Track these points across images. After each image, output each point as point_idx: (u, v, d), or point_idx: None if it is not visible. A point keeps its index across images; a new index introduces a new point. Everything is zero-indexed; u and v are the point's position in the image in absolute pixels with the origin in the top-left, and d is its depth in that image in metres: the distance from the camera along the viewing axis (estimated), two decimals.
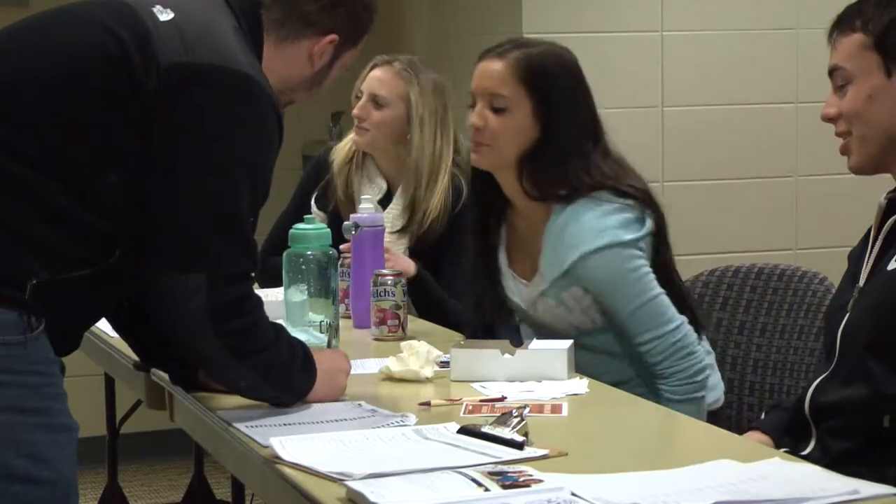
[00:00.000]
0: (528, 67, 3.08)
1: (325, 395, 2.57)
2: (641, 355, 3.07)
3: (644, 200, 3.08)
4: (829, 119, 2.62)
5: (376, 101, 3.89)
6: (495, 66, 3.11)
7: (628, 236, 3.04)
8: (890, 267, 2.52)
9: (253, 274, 2.45)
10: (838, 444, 2.51)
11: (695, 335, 3.08)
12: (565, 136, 3.08)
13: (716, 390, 3.17)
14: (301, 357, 2.53)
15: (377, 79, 3.91)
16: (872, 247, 2.60)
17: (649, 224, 3.07)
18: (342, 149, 3.98)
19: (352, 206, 3.83)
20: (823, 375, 2.60)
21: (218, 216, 2.36)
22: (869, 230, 2.72)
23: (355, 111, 3.90)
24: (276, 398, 2.54)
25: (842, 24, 2.61)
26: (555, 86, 3.09)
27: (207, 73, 2.34)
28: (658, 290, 3.06)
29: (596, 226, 3.04)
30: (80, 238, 2.29)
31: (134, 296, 2.47)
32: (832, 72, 2.61)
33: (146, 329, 2.55)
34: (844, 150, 2.62)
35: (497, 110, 3.09)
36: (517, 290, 3.19)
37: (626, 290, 3.04)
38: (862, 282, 2.59)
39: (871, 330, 2.51)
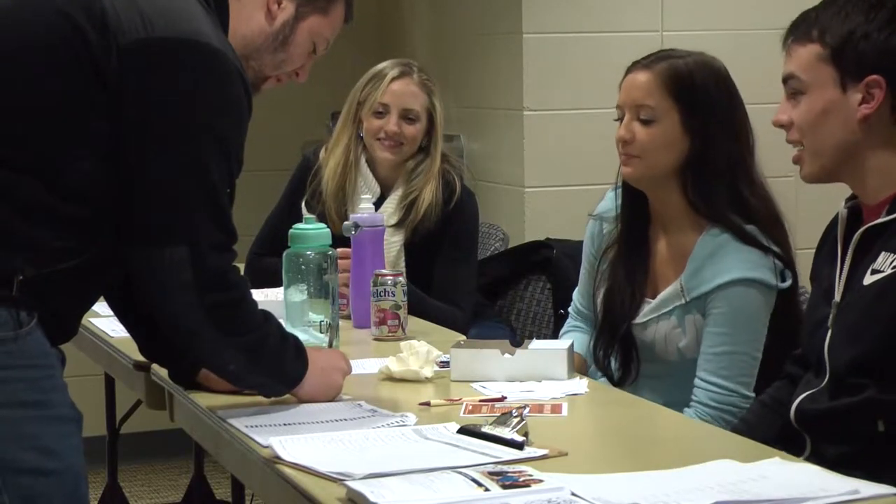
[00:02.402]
0: (674, 77, 3.05)
1: (319, 393, 2.56)
2: (695, 389, 3.03)
3: (787, 260, 3.05)
4: (780, 125, 2.62)
5: (408, 117, 3.89)
6: (641, 77, 3.07)
7: (776, 283, 3.02)
8: (866, 281, 2.49)
9: (234, 248, 2.41)
10: (833, 450, 2.50)
11: (740, 415, 3.00)
12: (724, 146, 3.05)
13: None
14: (292, 345, 2.51)
15: (407, 94, 3.90)
16: (843, 260, 2.58)
17: (789, 282, 3.04)
18: (334, 154, 3.94)
19: (340, 208, 3.84)
20: (814, 390, 2.59)
21: (193, 189, 2.33)
22: (823, 238, 2.71)
23: (392, 128, 3.87)
24: (267, 386, 2.53)
25: (797, 32, 2.59)
26: (704, 96, 3.06)
27: (169, 47, 2.31)
28: (759, 352, 3.02)
29: (755, 259, 3.01)
30: (63, 229, 2.28)
31: (122, 279, 2.46)
32: (786, 79, 2.60)
33: (142, 318, 2.55)
34: (797, 161, 2.62)
35: (644, 122, 3.06)
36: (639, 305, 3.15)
37: (740, 331, 3.00)
38: (837, 297, 2.57)
39: (857, 348, 2.49)
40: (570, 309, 3.37)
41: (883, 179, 2.54)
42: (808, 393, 2.59)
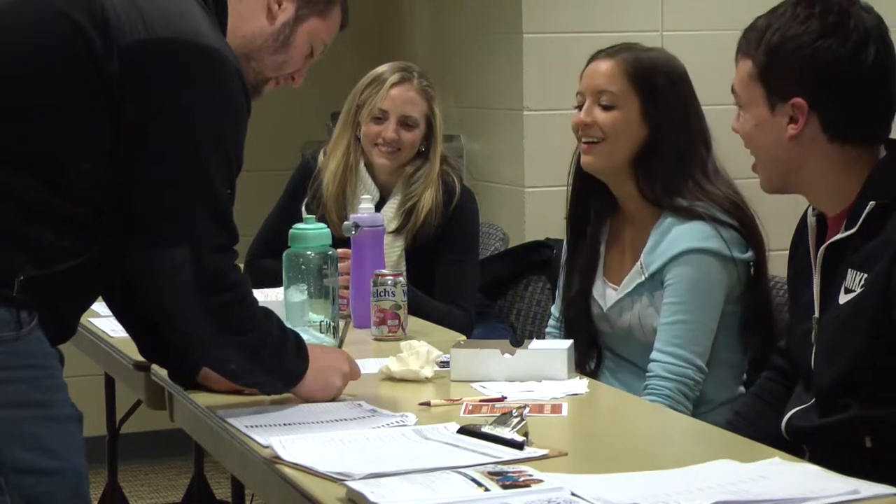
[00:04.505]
0: (637, 67, 3.13)
1: (316, 392, 2.56)
2: (650, 365, 3.05)
3: (750, 229, 3.10)
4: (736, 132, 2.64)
5: (407, 123, 3.88)
6: (604, 64, 3.15)
7: (731, 253, 3.06)
8: (841, 300, 2.48)
9: (235, 248, 2.41)
10: (825, 463, 2.50)
11: (697, 392, 3.05)
12: (676, 138, 3.11)
13: None
14: (293, 342, 2.51)
15: (406, 100, 3.88)
16: (816, 273, 2.58)
17: (751, 253, 3.09)
18: (334, 157, 3.94)
19: (341, 211, 3.83)
20: (804, 406, 2.58)
21: (193, 189, 2.34)
22: (794, 246, 2.71)
23: (390, 135, 3.85)
24: (267, 384, 2.53)
25: (742, 42, 2.61)
26: (663, 87, 3.13)
27: (169, 47, 2.31)
28: (714, 322, 3.05)
29: (704, 230, 3.06)
30: (63, 230, 2.29)
31: (122, 279, 2.46)
32: (732, 91, 2.61)
33: (142, 318, 2.55)
34: (754, 170, 2.64)
35: (605, 107, 3.13)
36: (604, 294, 3.19)
37: (693, 299, 3.04)
38: (816, 312, 2.57)
39: (837, 366, 2.48)
40: (548, 326, 3.40)
41: (833, 193, 2.54)
42: (798, 409, 2.59)
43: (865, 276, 2.43)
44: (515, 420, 2.28)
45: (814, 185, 2.55)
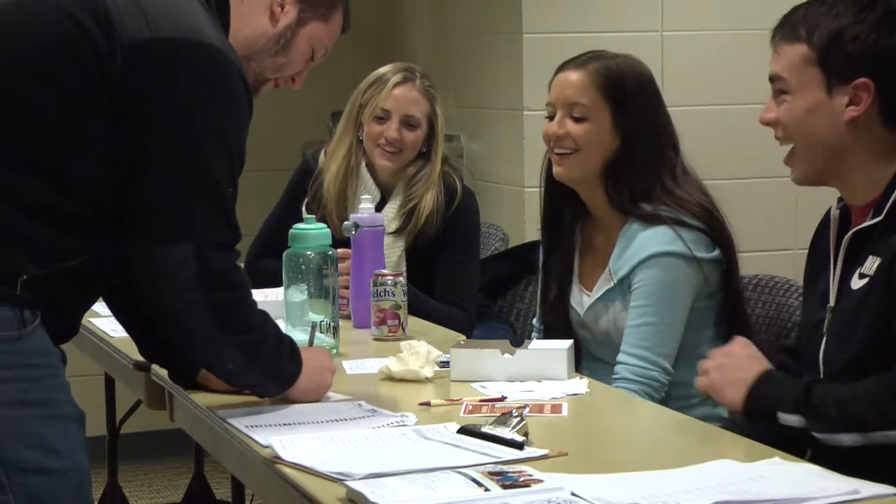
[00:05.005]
0: (606, 77, 3.13)
1: (310, 392, 2.57)
2: (616, 367, 3.06)
3: (717, 230, 3.12)
4: (767, 123, 2.62)
5: (409, 123, 3.88)
6: (574, 76, 3.15)
7: (698, 254, 3.07)
8: (854, 286, 2.49)
9: (237, 247, 2.41)
10: (827, 457, 2.49)
11: (663, 393, 3.05)
12: (648, 145, 3.12)
13: None
14: (288, 345, 2.52)
15: (409, 100, 3.88)
16: (835, 263, 2.58)
17: (718, 252, 3.10)
18: (336, 158, 3.94)
19: (342, 212, 3.83)
20: None
21: (196, 186, 2.34)
22: (815, 239, 2.71)
23: (393, 134, 3.86)
24: (263, 385, 2.54)
25: (785, 30, 2.58)
26: (633, 96, 3.13)
27: (173, 47, 2.32)
28: (682, 325, 3.07)
29: (668, 234, 3.07)
30: (64, 229, 2.29)
31: (124, 277, 2.45)
32: (773, 79, 2.59)
33: (142, 318, 2.55)
34: (788, 162, 2.62)
35: (577, 119, 3.13)
36: (580, 300, 3.21)
37: (658, 303, 3.05)
38: (832, 301, 2.57)
39: (846, 353, 2.48)
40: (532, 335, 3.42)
41: (869, 182, 2.54)
42: None
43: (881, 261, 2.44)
44: (515, 420, 2.28)
45: (853, 172, 2.55)
